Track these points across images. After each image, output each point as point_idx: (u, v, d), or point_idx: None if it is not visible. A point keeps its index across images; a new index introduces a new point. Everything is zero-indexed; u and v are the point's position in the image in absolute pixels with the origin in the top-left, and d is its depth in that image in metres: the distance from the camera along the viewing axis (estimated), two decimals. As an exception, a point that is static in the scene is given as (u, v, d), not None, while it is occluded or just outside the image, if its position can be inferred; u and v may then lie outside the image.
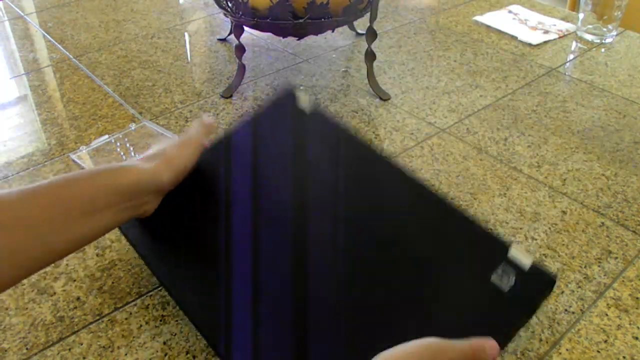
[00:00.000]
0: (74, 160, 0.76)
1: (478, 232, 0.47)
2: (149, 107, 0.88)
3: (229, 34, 1.08)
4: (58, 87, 0.95)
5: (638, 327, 0.54)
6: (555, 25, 1.15)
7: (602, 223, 0.67)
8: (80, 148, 0.78)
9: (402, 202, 0.49)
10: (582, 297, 0.57)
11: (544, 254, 0.62)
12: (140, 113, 0.87)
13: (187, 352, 0.51)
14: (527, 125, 0.85)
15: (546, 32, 1.13)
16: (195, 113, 0.86)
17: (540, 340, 0.53)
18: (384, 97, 0.91)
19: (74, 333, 0.53)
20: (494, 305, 0.44)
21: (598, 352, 0.52)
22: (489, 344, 0.42)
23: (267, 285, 0.44)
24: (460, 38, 1.11)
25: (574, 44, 1.10)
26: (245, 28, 0.87)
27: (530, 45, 1.08)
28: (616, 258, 0.62)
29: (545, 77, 0.98)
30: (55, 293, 0.57)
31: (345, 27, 1.11)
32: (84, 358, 0.51)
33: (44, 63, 1.02)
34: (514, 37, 1.11)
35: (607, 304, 0.56)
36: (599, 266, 0.61)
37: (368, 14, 0.88)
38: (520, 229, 0.66)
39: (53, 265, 0.60)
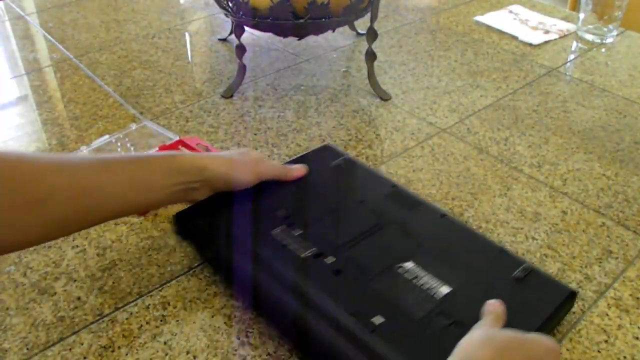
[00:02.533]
0: (74, 160, 0.76)
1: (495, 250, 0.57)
2: (149, 107, 0.88)
3: (229, 34, 1.08)
4: (59, 87, 0.95)
5: (639, 327, 0.54)
6: (555, 25, 1.15)
7: (603, 223, 0.67)
8: (81, 148, 0.78)
9: (428, 229, 0.59)
10: (582, 297, 0.57)
11: (544, 254, 0.62)
12: (141, 113, 0.87)
13: (188, 352, 0.51)
14: (527, 125, 0.85)
15: (547, 32, 1.13)
16: (196, 113, 0.86)
17: (541, 340, 0.53)
18: (384, 97, 0.91)
19: (74, 333, 0.53)
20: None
21: (599, 352, 0.52)
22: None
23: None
24: (460, 38, 1.11)
25: (574, 44, 1.10)
26: (246, 28, 0.87)
27: (530, 45, 1.08)
28: (617, 258, 0.62)
29: (546, 77, 0.98)
30: (55, 293, 0.57)
31: (346, 27, 1.11)
32: (84, 358, 0.51)
33: (44, 63, 1.02)
34: (514, 37, 1.11)
35: (608, 304, 0.56)
36: (599, 266, 0.61)
37: (369, 14, 0.88)
38: (521, 229, 0.66)
39: (53, 265, 0.60)
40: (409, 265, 0.54)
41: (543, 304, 0.51)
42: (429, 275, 0.52)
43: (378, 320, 0.48)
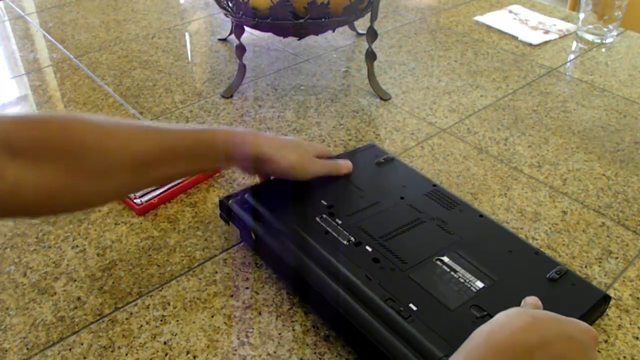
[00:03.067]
0: (74, 160, 0.76)
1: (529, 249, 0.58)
2: (149, 107, 0.88)
3: (229, 34, 1.08)
4: (58, 87, 0.95)
5: (638, 327, 0.54)
6: (555, 25, 1.15)
7: (603, 223, 0.67)
8: (81, 148, 0.78)
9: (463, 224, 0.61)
10: (582, 297, 0.57)
11: (544, 254, 0.62)
12: (141, 113, 0.87)
13: (188, 352, 0.51)
14: (527, 125, 0.85)
15: (547, 32, 1.13)
16: (196, 113, 0.86)
17: (541, 340, 0.53)
18: (384, 97, 0.91)
19: (74, 333, 0.53)
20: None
21: (598, 352, 0.52)
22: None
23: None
24: (460, 38, 1.11)
25: (574, 44, 1.10)
26: (246, 28, 0.87)
27: (530, 45, 1.08)
28: (617, 258, 0.62)
29: (546, 77, 0.98)
30: (55, 293, 0.57)
31: (346, 27, 1.11)
32: (84, 358, 0.51)
33: (44, 63, 1.02)
34: (514, 37, 1.11)
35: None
36: (599, 266, 0.61)
37: (368, 14, 0.88)
38: (521, 229, 0.66)
39: (53, 265, 0.60)
40: (446, 258, 0.55)
41: (575, 306, 0.51)
42: (465, 270, 0.54)
43: (413, 307, 0.49)
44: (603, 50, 1.07)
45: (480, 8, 1.24)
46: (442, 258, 0.55)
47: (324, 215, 0.60)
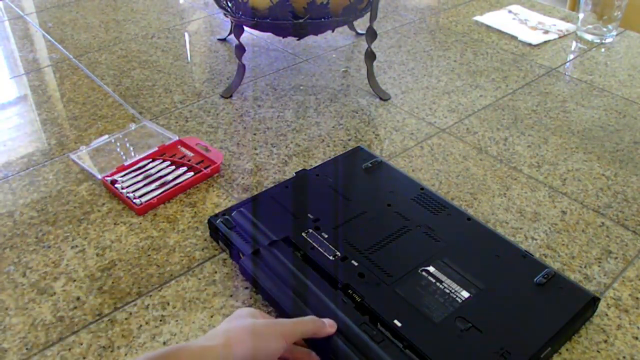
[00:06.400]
0: (73, 160, 0.76)
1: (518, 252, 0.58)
2: (148, 107, 0.88)
3: (228, 34, 1.08)
4: (58, 87, 0.95)
5: (638, 327, 0.54)
6: (555, 25, 1.15)
7: (602, 223, 0.67)
8: (80, 148, 0.78)
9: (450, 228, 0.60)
10: (582, 297, 0.57)
11: (544, 254, 0.62)
12: (140, 113, 0.87)
13: (187, 352, 0.51)
14: (527, 125, 0.85)
15: (546, 32, 1.13)
16: (195, 113, 0.86)
17: (540, 340, 0.53)
18: (384, 97, 0.91)
19: (73, 333, 0.53)
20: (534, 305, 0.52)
21: (598, 352, 0.52)
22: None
23: None
24: (460, 38, 1.11)
25: (574, 44, 1.10)
26: (245, 28, 0.87)
27: (530, 45, 1.08)
28: (616, 258, 0.62)
29: (545, 77, 0.98)
30: (55, 293, 0.57)
31: (345, 27, 1.11)
32: (83, 358, 0.51)
33: (43, 63, 1.02)
34: (514, 37, 1.11)
35: (607, 304, 0.56)
36: (599, 266, 0.61)
37: (368, 14, 0.88)
38: (520, 229, 0.66)
39: (53, 265, 0.60)
40: (432, 268, 0.55)
41: (563, 310, 0.51)
42: (451, 280, 0.54)
43: (397, 323, 0.49)
44: (602, 50, 1.07)
45: (480, 8, 1.24)
46: (428, 268, 0.55)
47: (310, 230, 0.59)
